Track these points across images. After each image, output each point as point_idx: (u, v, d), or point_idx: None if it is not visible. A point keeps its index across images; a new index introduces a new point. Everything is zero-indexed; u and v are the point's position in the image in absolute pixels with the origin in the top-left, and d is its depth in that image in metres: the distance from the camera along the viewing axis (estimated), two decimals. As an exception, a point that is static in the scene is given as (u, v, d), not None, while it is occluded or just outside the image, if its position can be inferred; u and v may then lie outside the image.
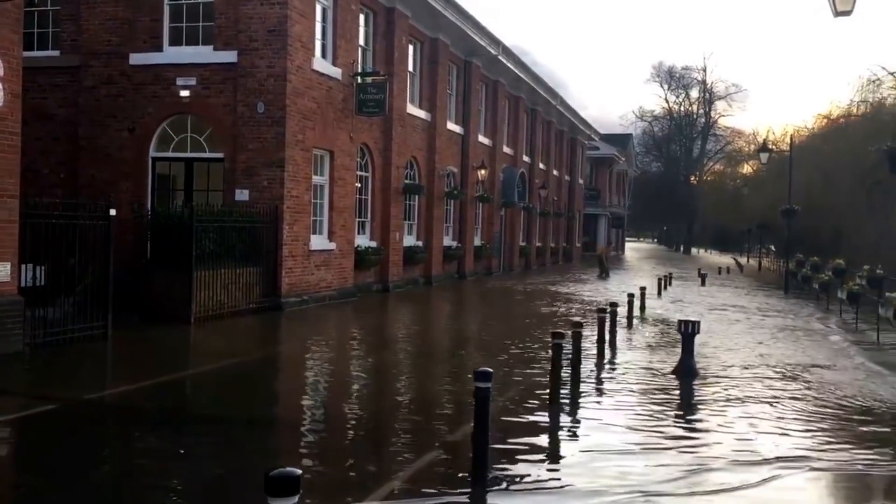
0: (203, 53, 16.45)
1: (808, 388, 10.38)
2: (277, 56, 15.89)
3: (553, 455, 7.00)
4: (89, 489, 5.72)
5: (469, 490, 5.78)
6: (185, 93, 16.37)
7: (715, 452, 7.04)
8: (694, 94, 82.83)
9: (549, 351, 9.14)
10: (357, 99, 18.84)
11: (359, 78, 18.96)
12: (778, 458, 6.89)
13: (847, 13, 10.27)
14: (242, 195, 16.00)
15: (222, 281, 14.42)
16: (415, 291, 22.51)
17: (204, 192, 16.61)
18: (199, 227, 13.93)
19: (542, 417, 8.11)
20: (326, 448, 7.09)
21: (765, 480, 6.25)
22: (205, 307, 13.90)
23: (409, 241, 23.45)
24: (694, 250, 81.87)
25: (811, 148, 36.65)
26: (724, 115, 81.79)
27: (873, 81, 29.67)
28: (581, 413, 8.43)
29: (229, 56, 16.17)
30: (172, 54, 16.60)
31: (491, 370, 6.01)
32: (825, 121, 38.10)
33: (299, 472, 3.08)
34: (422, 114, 23.87)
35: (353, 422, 8.14)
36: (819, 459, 7.04)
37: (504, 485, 5.91)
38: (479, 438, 5.89)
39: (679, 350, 11.17)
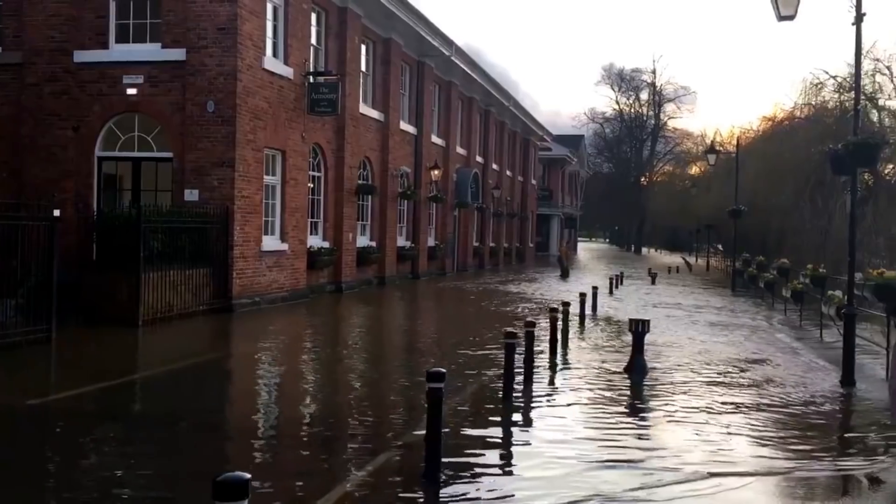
0: (150, 51, 16.16)
1: (757, 385, 10.61)
2: (227, 54, 15.68)
3: (506, 459, 6.93)
4: (29, 500, 5.56)
5: (422, 495, 5.76)
6: (131, 91, 16.06)
7: (671, 454, 7.02)
8: (644, 96, 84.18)
9: (503, 350, 9.17)
10: (309, 98, 18.70)
11: (311, 77, 18.83)
12: (732, 459, 7.03)
13: (790, 17, 10.55)
14: (192, 195, 15.75)
15: (171, 282, 14.18)
16: (368, 292, 22.42)
17: (152, 192, 16.31)
18: (147, 228, 13.68)
19: (496, 419, 8.11)
20: (277, 452, 7.01)
21: (719, 483, 6.25)
22: (153, 309, 13.65)
23: (363, 241, 23.35)
24: (644, 250, 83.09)
25: (757, 149, 37.40)
26: (673, 118, 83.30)
27: (815, 85, 30.40)
28: (534, 414, 8.45)
29: (178, 54, 15.90)
30: (119, 52, 16.27)
31: (444, 370, 6.01)
32: (770, 123, 38.93)
33: (248, 476, 3.03)
34: (375, 114, 23.79)
35: (305, 425, 8.06)
36: (769, 464, 7.19)
37: (458, 492, 5.85)
38: (433, 440, 5.88)
39: (630, 348, 11.31)
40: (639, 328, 10.98)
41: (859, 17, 10.36)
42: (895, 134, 30.06)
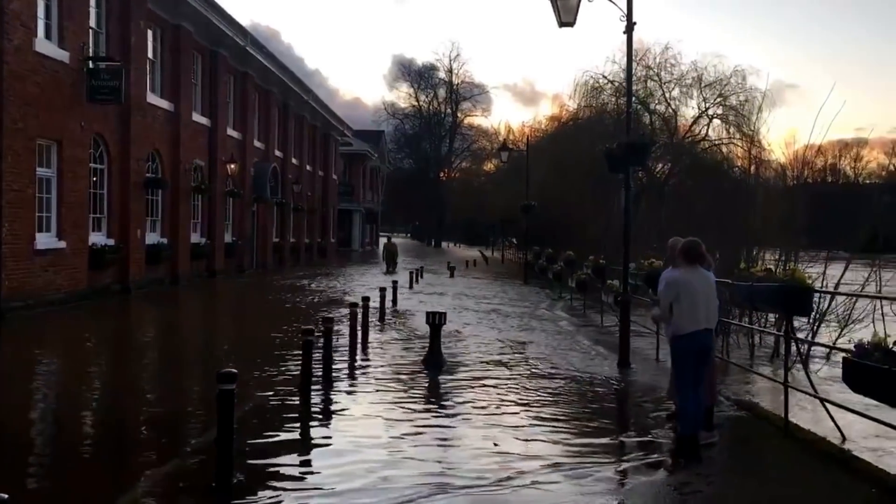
0: None
1: (545, 372, 11.21)
2: (-9, 34, 14.21)
3: (304, 462, 6.73)
4: None
5: (212, 502, 5.55)
6: None
7: (469, 450, 7.05)
8: (442, 93, 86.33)
9: (300, 348, 9.01)
10: (88, 85, 17.38)
11: (90, 63, 17.51)
12: (525, 445, 7.36)
13: (570, 24, 11.23)
14: (-50, 189, 14.15)
15: (-75, 287, 12.64)
16: (159, 292, 21.25)
17: None
18: None
19: (294, 421, 7.92)
20: (52, 468, 6.45)
21: (514, 477, 6.32)
22: None
23: (153, 238, 22.08)
24: (444, 244, 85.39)
25: (545, 148, 39.60)
26: (469, 115, 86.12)
27: (595, 88, 32.69)
28: (333, 415, 8.27)
29: (-70, 30, 14.21)
30: None
31: (235, 371, 5.80)
32: (556, 123, 41.40)
33: (5, 496, 2.76)
34: (164, 104, 22.57)
35: (84, 437, 7.48)
36: (564, 460, 7.60)
37: (251, 498, 5.65)
38: (224, 445, 5.66)
39: (427, 341, 11.54)
40: (436, 320, 11.23)
41: (630, 27, 11.22)
42: (664, 135, 33.04)
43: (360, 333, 12.48)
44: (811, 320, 14.18)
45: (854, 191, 48.95)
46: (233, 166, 27.84)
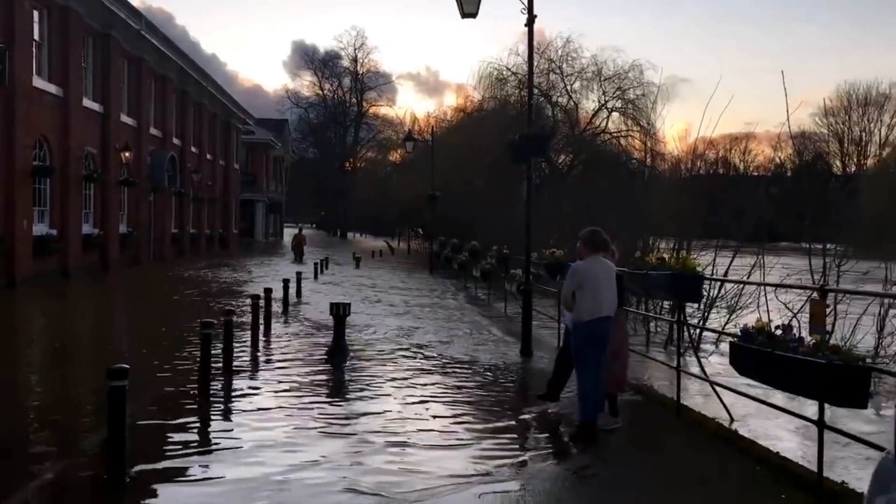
0: None
1: (448, 361, 11.28)
2: None
3: (203, 461, 6.42)
4: None
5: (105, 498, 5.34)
6: None
7: (374, 447, 6.86)
8: (346, 82, 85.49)
9: (198, 344, 8.75)
10: (-32, 67, 16.38)
11: (-31, 43, 16.50)
12: (431, 446, 7.37)
13: (473, 15, 11.30)
14: None
15: None
16: (49, 285, 20.25)
17: None
18: None
19: (192, 416, 7.67)
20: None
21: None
22: None
23: (41, 229, 21.02)
24: (350, 234, 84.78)
25: (451, 138, 39.82)
26: (375, 105, 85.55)
27: (499, 80, 33.10)
28: (234, 411, 8.02)
29: None
30: None
31: (127, 367, 5.59)
32: (461, 113, 41.65)
33: None
34: (52, 88, 21.48)
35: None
36: (462, 438, 7.66)
37: (145, 498, 5.46)
38: (116, 442, 5.46)
39: (331, 332, 11.42)
40: (339, 312, 11.12)
41: (531, 20, 11.38)
42: (566, 127, 33.75)
43: (262, 326, 12.26)
44: (702, 307, 14.80)
45: (743, 182, 51.35)
46: (127, 154, 26.78)
